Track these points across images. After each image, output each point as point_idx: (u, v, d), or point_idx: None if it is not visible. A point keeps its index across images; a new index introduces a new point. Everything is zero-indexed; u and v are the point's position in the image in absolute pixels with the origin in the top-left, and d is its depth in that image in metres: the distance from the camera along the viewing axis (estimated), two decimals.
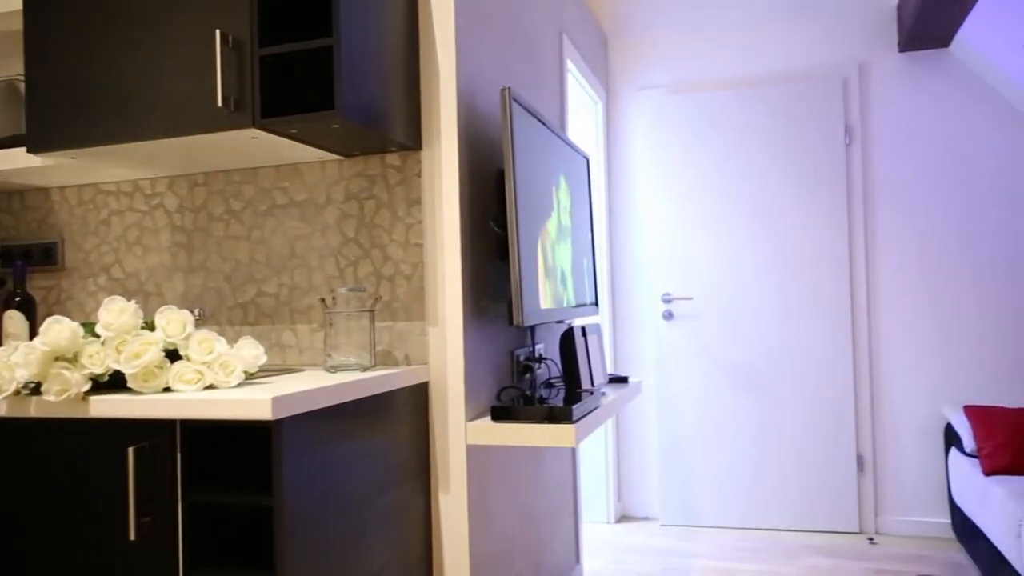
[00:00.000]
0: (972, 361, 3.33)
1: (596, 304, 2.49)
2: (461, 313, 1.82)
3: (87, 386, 1.34)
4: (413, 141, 1.82)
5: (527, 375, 2.21)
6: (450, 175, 1.83)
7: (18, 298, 1.96)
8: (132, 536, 1.29)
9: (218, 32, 1.54)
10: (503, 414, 1.76)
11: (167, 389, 1.39)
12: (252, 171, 1.98)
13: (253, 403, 1.23)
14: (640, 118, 3.78)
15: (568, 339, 2.01)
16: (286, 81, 1.64)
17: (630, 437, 3.79)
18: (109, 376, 1.40)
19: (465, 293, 1.84)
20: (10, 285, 2.16)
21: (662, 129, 3.65)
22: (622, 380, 2.40)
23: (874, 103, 3.45)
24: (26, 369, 1.33)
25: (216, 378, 1.40)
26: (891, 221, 3.43)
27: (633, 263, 3.78)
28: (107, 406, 1.32)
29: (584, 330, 2.13)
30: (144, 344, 1.37)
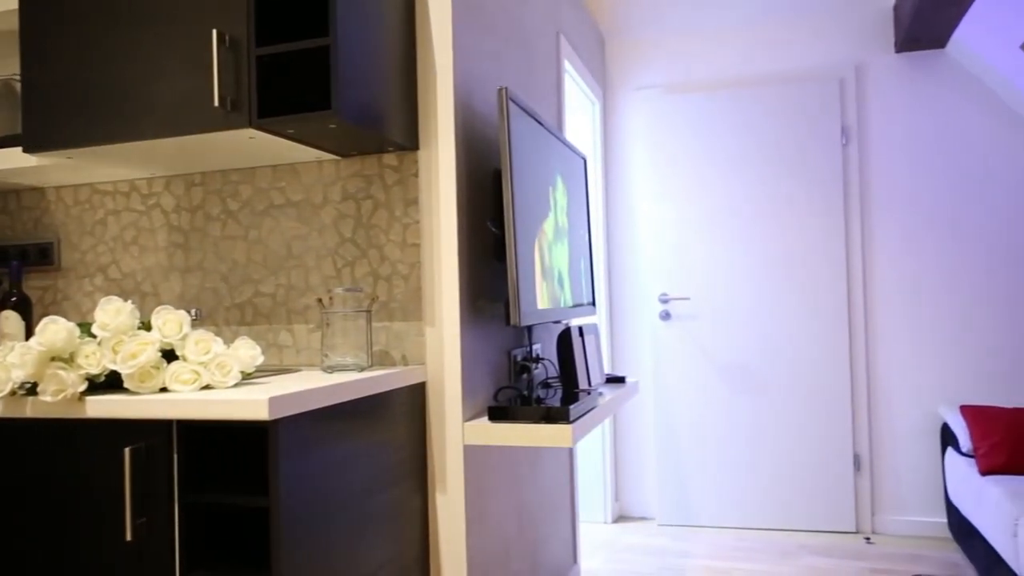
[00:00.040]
0: (968, 361, 3.34)
1: (593, 304, 2.50)
2: (458, 313, 1.82)
3: (83, 386, 1.34)
4: (410, 141, 1.82)
5: (524, 375, 2.21)
6: (447, 175, 1.83)
7: (14, 298, 1.95)
8: (128, 537, 1.29)
9: (215, 32, 1.54)
10: (500, 414, 1.76)
11: (164, 389, 1.39)
12: (249, 171, 1.98)
13: (250, 403, 1.23)
14: (637, 118, 3.78)
15: (565, 339, 2.00)
16: (283, 81, 1.64)
17: (627, 437, 3.79)
18: (105, 376, 1.40)
19: (462, 293, 1.84)
20: (6, 285, 2.16)
21: (659, 129, 3.65)
22: (619, 380, 2.40)
23: (871, 104, 3.46)
24: (22, 369, 1.33)
25: (213, 378, 1.39)
26: (887, 221, 3.43)
27: (630, 263, 3.79)
28: (103, 406, 1.32)
29: (581, 330, 2.13)
30: (140, 344, 1.37)
